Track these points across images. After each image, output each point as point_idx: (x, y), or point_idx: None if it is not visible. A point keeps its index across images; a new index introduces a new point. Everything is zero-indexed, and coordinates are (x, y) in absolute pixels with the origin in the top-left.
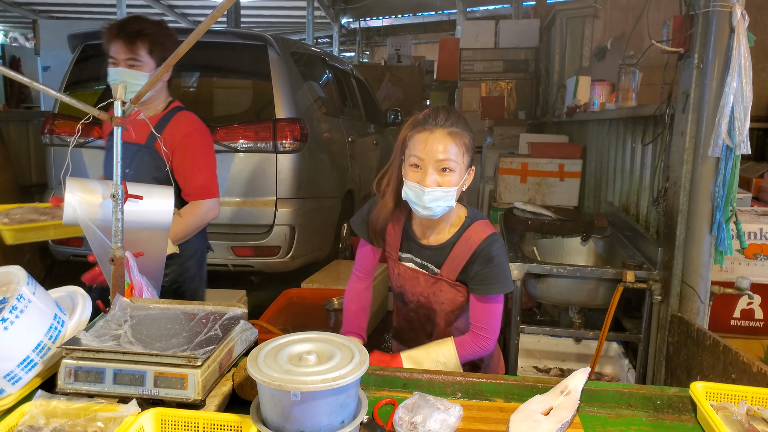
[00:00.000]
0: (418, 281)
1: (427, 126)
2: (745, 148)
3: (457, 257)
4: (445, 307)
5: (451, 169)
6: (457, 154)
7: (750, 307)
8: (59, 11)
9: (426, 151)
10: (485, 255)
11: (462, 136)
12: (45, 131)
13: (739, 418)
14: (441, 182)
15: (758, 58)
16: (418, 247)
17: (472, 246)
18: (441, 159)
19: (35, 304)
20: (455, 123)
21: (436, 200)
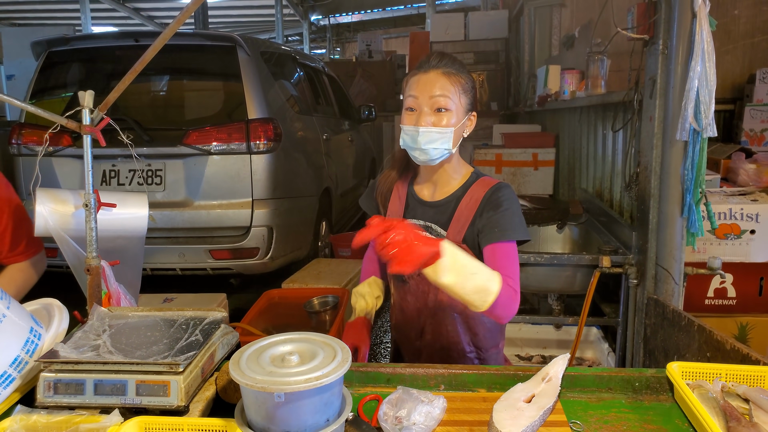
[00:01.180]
0: None
1: (421, 68)
2: (711, 131)
3: (463, 214)
4: None
5: (446, 108)
6: (453, 93)
7: (723, 286)
8: (21, 18)
9: (420, 90)
10: (493, 200)
11: (458, 76)
12: (12, 141)
13: (714, 395)
14: (436, 122)
15: (722, 41)
16: (422, 208)
17: (478, 198)
18: (436, 95)
19: (9, 319)
20: (450, 64)
21: (432, 141)
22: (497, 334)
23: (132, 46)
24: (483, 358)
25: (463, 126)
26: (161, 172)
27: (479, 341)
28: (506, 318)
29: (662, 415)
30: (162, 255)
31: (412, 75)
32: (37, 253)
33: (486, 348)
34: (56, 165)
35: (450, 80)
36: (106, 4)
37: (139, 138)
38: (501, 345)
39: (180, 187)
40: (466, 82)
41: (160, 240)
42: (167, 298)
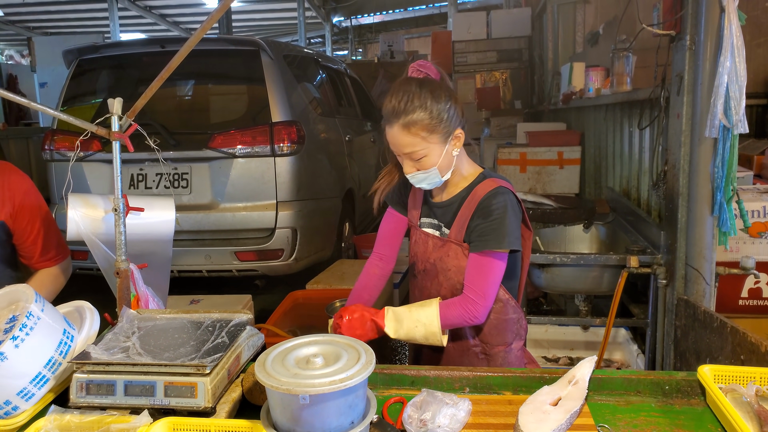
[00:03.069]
0: (428, 246)
1: (387, 122)
2: (742, 127)
3: (464, 214)
4: (451, 275)
5: (421, 156)
6: (420, 140)
7: (757, 286)
8: (53, 27)
9: (394, 146)
10: (484, 207)
11: (419, 122)
12: (45, 147)
13: (748, 400)
14: (419, 167)
15: (753, 34)
16: (435, 209)
17: (475, 202)
18: (407, 152)
19: (44, 321)
20: (407, 108)
21: (421, 181)
22: (508, 332)
23: (159, 52)
24: (490, 354)
25: (448, 153)
26: (187, 176)
27: (485, 336)
28: (474, 322)
29: (694, 420)
30: (188, 257)
31: (384, 123)
32: (65, 258)
33: (493, 344)
34: (86, 169)
35: (411, 132)
36: (133, 11)
37: (166, 142)
38: (515, 345)
39: (206, 190)
40: (429, 119)
41: (186, 242)
42: (194, 299)
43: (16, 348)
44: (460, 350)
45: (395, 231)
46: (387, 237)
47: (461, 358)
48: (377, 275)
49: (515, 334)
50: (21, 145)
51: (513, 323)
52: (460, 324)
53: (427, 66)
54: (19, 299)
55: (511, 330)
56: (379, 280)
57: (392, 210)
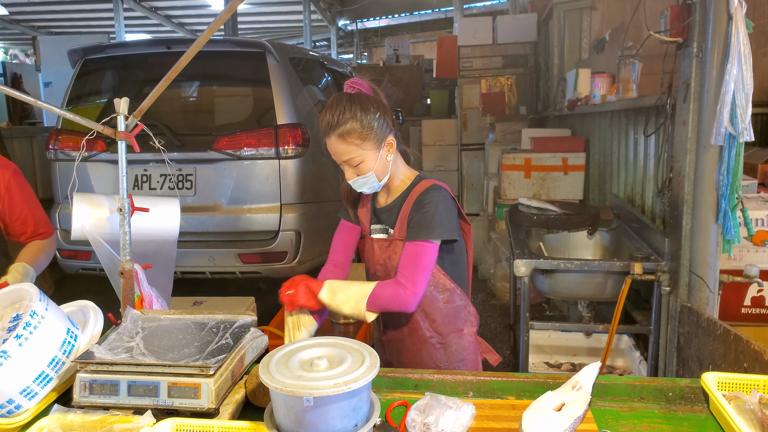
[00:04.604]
0: (375, 250)
1: (323, 131)
2: (748, 136)
3: (404, 213)
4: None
5: (358, 162)
6: (355, 147)
7: (761, 294)
8: (58, 27)
9: (334, 155)
10: (418, 202)
11: (351, 132)
12: (49, 147)
13: (751, 407)
14: (358, 172)
15: (759, 43)
16: (380, 214)
17: (413, 199)
18: (345, 160)
19: (48, 320)
20: (339, 121)
21: (362, 186)
22: (458, 319)
23: (164, 53)
24: (445, 343)
25: (382, 158)
26: (192, 177)
27: (438, 326)
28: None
29: (697, 427)
30: (192, 258)
31: (323, 136)
32: (52, 234)
33: (446, 333)
34: (90, 169)
35: (346, 140)
36: (139, 12)
37: (171, 143)
38: (468, 331)
39: (210, 191)
40: (360, 127)
41: (190, 243)
42: (197, 301)
43: (19, 347)
44: (419, 343)
45: (348, 240)
46: (340, 246)
47: (420, 350)
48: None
49: (465, 320)
50: (25, 144)
51: (461, 310)
52: (391, 306)
53: (359, 83)
54: (23, 298)
55: (461, 317)
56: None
57: (344, 221)
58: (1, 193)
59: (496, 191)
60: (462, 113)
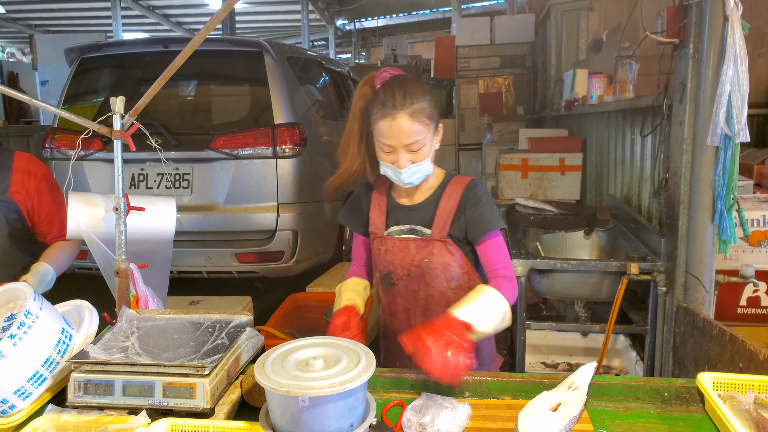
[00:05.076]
0: (409, 249)
1: (387, 111)
2: (744, 136)
3: (445, 211)
4: (437, 274)
5: (421, 145)
6: (423, 129)
7: (756, 294)
8: (55, 25)
9: (393, 139)
10: (472, 197)
11: (423, 110)
12: (45, 146)
13: (747, 407)
14: (414, 159)
15: (755, 44)
16: (406, 212)
17: (456, 195)
18: (409, 143)
19: (43, 320)
20: (413, 97)
21: (413, 174)
22: None
23: (161, 52)
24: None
25: (434, 145)
26: (189, 176)
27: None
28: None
29: (692, 427)
30: (188, 258)
31: (381, 118)
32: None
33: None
34: (87, 168)
35: (417, 119)
36: (136, 11)
37: (168, 142)
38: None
39: (207, 190)
40: (429, 108)
41: (186, 243)
42: (193, 300)
43: (13, 346)
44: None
45: (360, 250)
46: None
47: None
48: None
49: None
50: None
51: None
52: (511, 299)
53: (397, 70)
54: (17, 297)
55: None
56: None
57: (355, 232)
58: (31, 193)
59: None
60: (459, 113)
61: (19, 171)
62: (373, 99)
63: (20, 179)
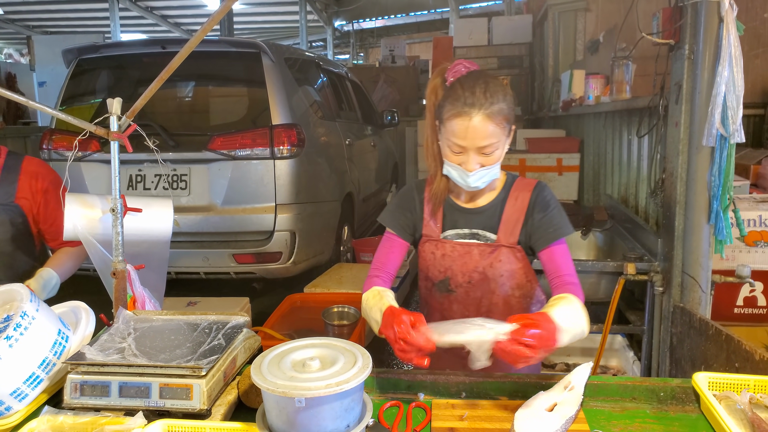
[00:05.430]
0: (472, 255)
1: (464, 110)
2: (739, 137)
3: (512, 216)
4: (504, 281)
5: (493, 148)
6: (499, 132)
7: (753, 294)
8: (53, 26)
9: (467, 140)
10: (542, 201)
11: (501, 111)
12: (43, 147)
13: (742, 407)
14: (484, 162)
15: (751, 45)
16: (467, 216)
17: (524, 199)
18: (484, 145)
19: (39, 321)
20: (492, 97)
21: (481, 178)
22: None
23: (159, 53)
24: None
25: (505, 147)
26: (186, 177)
27: None
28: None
29: (688, 427)
30: (186, 259)
31: (456, 115)
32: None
33: None
34: (84, 170)
35: (495, 121)
36: (134, 12)
37: (165, 143)
38: None
39: (204, 191)
40: (507, 109)
41: (184, 244)
42: (191, 301)
43: (9, 348)
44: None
45: (397, 255)
46: (390, 256)
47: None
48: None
49: None
50: (19, 144)
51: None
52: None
53: (473, 64)
54: (14, 299)
55: None
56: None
57: (391, 234)
58: (38, 197)
59: None
60: None
61: (27, 175)
62: (447, 94)
63: (27, 184)
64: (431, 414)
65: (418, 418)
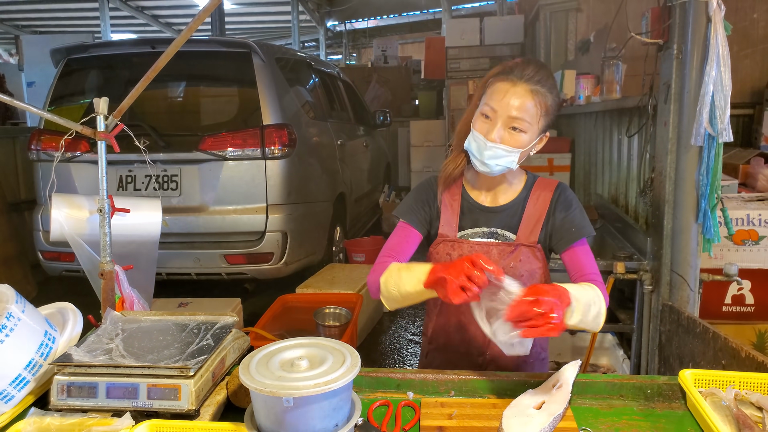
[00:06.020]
0: (491, 255)
1: (510, 77)
2: (726, 136)
3: (533, 215)
4: (524, 281)
5: (522, 129)
6: (534, 115)
7: (741, 292)
8: (42, 26)
9: (501, 104)
10: (563, 200)
11: (545, 97)
12: (31, 147)
13: (727, 404)
14: (507, 140)
15: (741, 45)
16: (486, 214)
17: (546, 199)
18: (514, 116)
19: (25, 322)
20: (542, 81)
21: (496, 157)
22: None
23: (149, 52)
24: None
25: (532, 146)
26: (177, 178)
27: (544, 339)
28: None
29: (674, 423)
30: (177, 260)
31: (500, 80)
32: None
33: (546, 346)
34: (74, 170)
35: (536, 101)
36: (125, 11)
37: (156, 143)
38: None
39: (195, 192)
40: (551, 103)
41: (175, 245)
42: (182, 302)
43: None
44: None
45: (412, 244)
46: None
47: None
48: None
49: None
50: (7, 145)
51: None
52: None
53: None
54: None
55: None
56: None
57: (406, 224)
58: None
59: None
60: (450, 114)
61: None
62: (499, 70)
63: None
64: (420, 413)
65: (407, 417)
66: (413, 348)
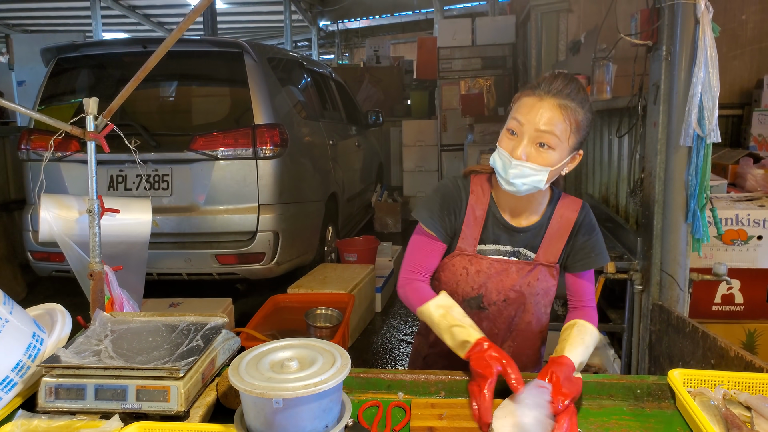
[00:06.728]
0: (509, 273)
1: (537, 91)
2: (715, 137)
3: (555, 236)
4: (539, 299)
5: (550, 146)
6: (563, 130)
7: (730, 292)
8: (33, 24)
9: (527, 117)
10: (587, 224)
11: (575, 112)
12: (21, 147)
13: (716, 403)
14: (535, 158)
15: (729, 47)
16: (510, 232)
17: (569, 219)
18: (542, 130)
19: (12, 324)
20: (572, 95)
21: (522, 176)
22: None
23: (140, 52)
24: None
25: (563, 165)
26: (168, 178)
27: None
28: None
29: (663, 423)
30: (168, 260)
31: (526, 93)
32: None
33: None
34: (64, 170)
35: (565, 115)
36: (116, 10)
37: (147, 143)
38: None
39: (187, 192)
40: (582, 119)
41: (166, 245)
42: (173, 303)
43: None
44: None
45: (436, 258)
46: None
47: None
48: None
49: None
50: None
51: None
52: None
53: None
54: None
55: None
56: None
57: (431, 236)
58: None
59: None
60: (442, 114)
61: None
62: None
63: None
64: (411, 413)
65: (398, 418)
66: (405, 348)
